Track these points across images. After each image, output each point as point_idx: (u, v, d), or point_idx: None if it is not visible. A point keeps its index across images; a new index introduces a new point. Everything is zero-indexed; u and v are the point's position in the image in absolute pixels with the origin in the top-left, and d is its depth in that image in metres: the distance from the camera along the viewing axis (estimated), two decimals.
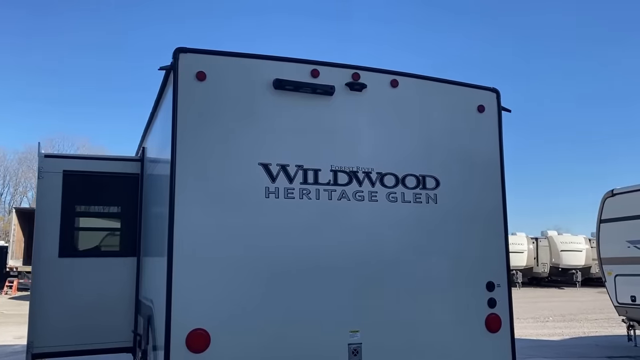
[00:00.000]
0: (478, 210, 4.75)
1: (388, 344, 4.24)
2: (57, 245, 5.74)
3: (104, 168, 6.03)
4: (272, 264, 4.03)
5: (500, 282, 4.71)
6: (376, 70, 4.56)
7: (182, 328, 3.72)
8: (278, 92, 4.22)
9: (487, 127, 4.91)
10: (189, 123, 3.93)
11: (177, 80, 3.95)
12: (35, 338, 5.39)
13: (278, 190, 4.12)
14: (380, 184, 4.43)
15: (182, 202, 3.82)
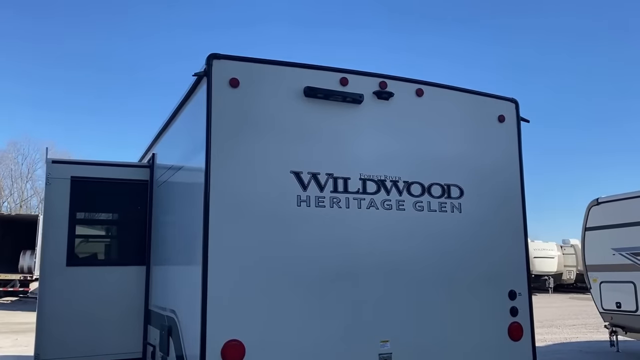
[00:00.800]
0: (499, 220, 4.80)
1: (416, 353, 4.24)
2: (65, 254, 5.57)
3: (112, 174, 5.88)
4: (304, 273, 3.99)
5: (521, 291, 4.76)
6: (402, 79, 4.57)
7: (218, 339, 3.64)
8: (308, 100, 4.20)
9: (507, 136, 4.97)
10: (223, 130, 3.86)
11: (210, 87, 3.88)
12: (42, 349, 5.20)
13: (309, 199, 4.08)
14: (407, 193, 4.43)
15: (216, 211, 3.74)
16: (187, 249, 4.13)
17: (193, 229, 3.97)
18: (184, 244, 4.26)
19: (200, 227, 3.75)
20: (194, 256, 3.85)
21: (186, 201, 4.30)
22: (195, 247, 3.85)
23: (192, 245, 3.97)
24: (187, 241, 4.15)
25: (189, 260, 4.03)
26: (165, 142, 5.46)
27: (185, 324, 4.08)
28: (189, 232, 4.12)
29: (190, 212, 4.12)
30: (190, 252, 4.02)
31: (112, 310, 5.65)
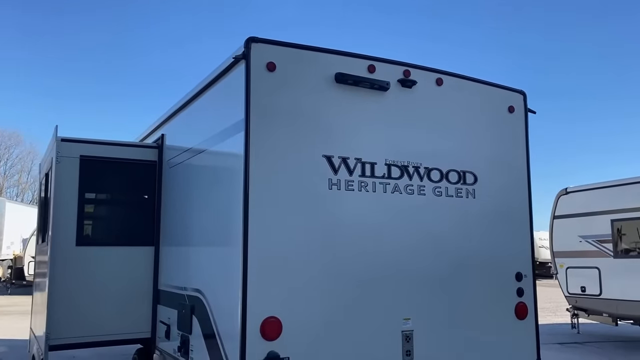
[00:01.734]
0: (508, 205, 5.05)
1: (435, 330, 4.45)
2: (75, 234, 5.52)
3: (120, 154, 5.83)
4: (335, 253, 4.13)
5: (527, 273, 5.04)
6: (424, 68, 4.74)
7: (257, 316, 3.75)
8: (339, 86, 4.31)
9: (516, 127, 5.22)
10: (260, 114, 3.94)
11: (249, 70, 3.94)
12: (52, 329, 5.16)
13: (340, 182, 4.22)
14: (427, 179, 4.62)
15: (255, 193, 3.83)
16: (221, 230, 4.19)
17: (229, 212, 4.04)
18: (216, 226, 4.31)
19: (239, 209, 3.83)
20: (232, 238, 3.92)
21: (218, 184, 4.35)
22: (233, 229, 3.92)
23: (228, 227, 4.04)
24: (220, 223, 4.21)
25: (225, 242, 4.10)
26: (180, 124, 5.46)
27: (218, 303, 4.16)
28: (222, 215, 4.18)
29: (224, 194, 4.18)
30: (226, 234, 4.08)
31: (121, 290, 5.65)
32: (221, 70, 4.38)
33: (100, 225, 5.75)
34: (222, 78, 4.41)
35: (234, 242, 3.88)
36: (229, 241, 3.99)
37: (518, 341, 4.94)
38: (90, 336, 5.51)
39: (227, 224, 4.08)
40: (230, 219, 4.00)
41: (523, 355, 4.94)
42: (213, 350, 4.15)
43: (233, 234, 3.91)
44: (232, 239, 3.92)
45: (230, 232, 3.97)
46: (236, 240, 3.85)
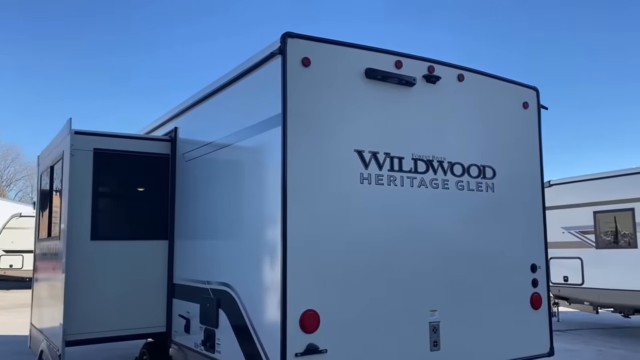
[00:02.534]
0: (523, 199, 5.20)
1: (458, 321, 4.56)
2: (89, 228, 5.44)
3: (134, 147, 5.75)
4: (368, 247, 4.20)
5: (540, 264, 5.20)
6: (446, 64, 4.81)
7: (297, 309, 3.79)
8: (368, 81, 4.35)
9: (530, 122, 5.35)
10: (296, 108, 3.95)
11: (285, 65, 3.95)
12: (69, 325, 5.08)
13: (370, 177, 4.27)
14: (450, 173, 4.71)
15: (293, 188, 3.86)
16: (257, 225, 4.19)
17: (265, 206, 4.05)
18: (249, 220, 4.30)
19: (277, 204, 3.84)
20: (270, 232, 3.94)
21: (250, 178, 4.34)
22: (270, 223, 3.94)
23: (265, 222, 4.05)
24: (255, 218, 4.21)
25: (262, 236, 4.10)
26: (198, 117, 5.42)
27: (253, 296, 4.17)
28: (257, 209, 4.18)
29: (259, 189, 4.19)
30: (262, 229, 4.09)
31: (136, 284, 5.59)
32: (251, 65, 4.37)
33: (114, 219, 5.66)
34: (251, 72, 4.40)
35: (273, 237, 3.90)
36: (267, 236, 4.00)
37: (533, 330, 5.09)
38: (106, 331, 5.45)
39: (263, 219, 4.09)
40: (267, 214, 4.01)
41: (538, 344, 5.11)
42: (246, 343, 4.16)
43: (271, 228, 3.93)
44: (270, 233, 3.94)
45: (268, 227, 3.99)
46: (275, 234, 3.87)
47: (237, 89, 4.64)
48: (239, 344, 4.29)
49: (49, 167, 6.39)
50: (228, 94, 4.79)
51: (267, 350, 3.90)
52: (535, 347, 5.10)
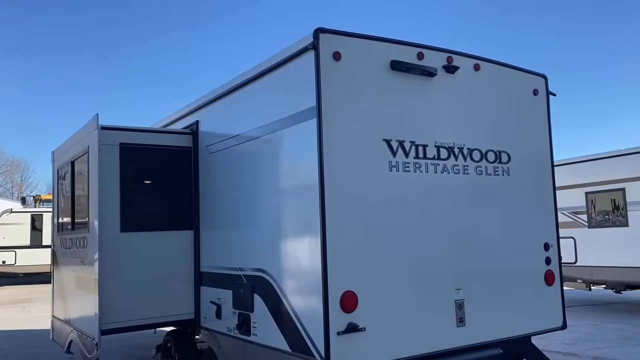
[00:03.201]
0: (536, 182, 5.47)
1: (480, 298, 4.83)
2: (119, 220, 5.59)
3: (157, 141, 5.90)
4: (398, 230, 4.43)
5: (552, 243, 5.49)
6: (463, 54, 5.03)
7: (337, 291, 4.02)
8: (393, 73, 4.56)
9: (540, 109, 5.61)
10: (330, 101, 4.15)
11: (319, 60, 4.14)
12: (104, 314, 5.26)
13: (398, 164, 4.49)
14: (470, 159, 4.95)
15: (329, 178, 4.06)
16: (295, 214, 4.39)
17: (302, 195, 4.25)
18: (287, 209, 4.50)
19: (315, 193, 4.05)
20: (309, 221, 4.14)
21: (286, 168, 4.53)
22: (308, 211, 4.14)
23: (302, 210, 4.25)
24: (293, 206, 4.41)
25: (300, 224, 4.31)
26: (223, 111, 5.57)
27: (292, 281, 4.38)
28: (294, 198, 4.39)
29: (296, 179, 4.39)
30: (301, 217, 4.29)
31: (164, 274, 5.77)
32: (282, 59, 4.54)
33: (141, 211, 5.81)
34: (282, 67, 4.58)
35: (312, 224, 4.10)
36: (306, 223, 4.20)
37: (547, 306, 5.39)
38: (138, 319, 5.63)
39: (301, 207, 4.29)
40: (305, 202, 4.21)
41: (552, 319, 5.41)
42: (286, 325, 4.38)
43: (310, 216, 4.13)
44: (310, 221, 4.14)
45: (307, 215, 4.18)
46: (314, 222, 4.07)
47: (268, 83, 4.80)
48: (277, 326, 4.51)
49: (69, 161, 6.51)
50: (257, 87, 4.96)
51: (309, 330, 4.13)
52: (550, 321, 5.40)
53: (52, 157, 7.54)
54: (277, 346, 4.50)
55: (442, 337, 4.57)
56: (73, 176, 6.40)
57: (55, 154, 7.45)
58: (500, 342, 4.94)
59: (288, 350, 4.36)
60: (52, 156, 7.52)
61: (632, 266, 11.45)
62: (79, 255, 5.98)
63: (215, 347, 5.42)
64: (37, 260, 23.97)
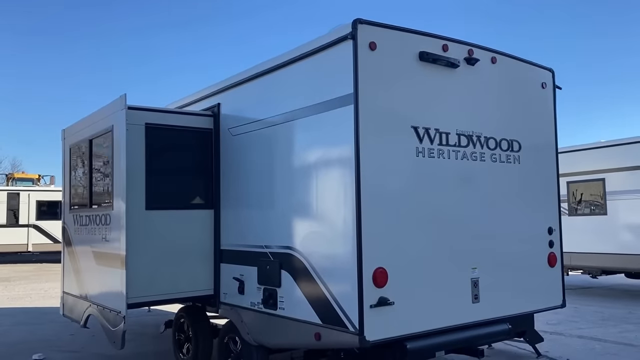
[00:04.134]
0: (542, 169, 5.83)
1: (493, 277, 5.18)
2: (144, 199, 5.74)
3: (181, 122, 6.04)
4: (423, 213, 4.73)
5: (555, 227, 5.87)
6: (482, 48, 5.32)
7: (370, 267, 4.30)
8: (421, 63, 4.82)
9: (547, 101, 5.96)
10: (366, 88, 4.39)
11: (357, 49, 4.37)
12: (130, 289, 5.42)
13: (424, 150, 4.78)
14: (486, 147, 5.27)
15: (364, 160, 4.32)
16: (331, 195, 4.61)
17: (338, 178, 4.49)
18: (322, 191, 4.71)
19: (352, 175, 4.31)
20: (345, 203, 4.39)
21: (320, 151, 4.75)
22: (344, 194, 4.40)
23: (338, 192, 4.49)
24: (328, 189, 4.63)
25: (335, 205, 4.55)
26: (248, 94, 5.74)
27: (325, 259, 4.62)
28: (329, 181, 4.62)
29: (331, 162, 4.62)
30: (337, 199, 4.52)
31: (186, 251, 5.95)
32: (317, 47, 4.75)
33: (165, 190, 5.94)
34: (317, 54, 4.78)
35: (348, 205, 4.35)
36: (342, 204, 4.44)
37: (549, 286, 5.79)
38: (161, 295, 5.81)
39: (337, 189, 4.52)
40: (341, 185, 4.45)
41: (553, 297, 5.82)
42: (317, 299, 4.64)
43: (346, 198, 4.38)
44: (346, 202, 4.38)
45: (343, 197, 4.43)
46: (350, 203, 4.33)
47: (302, 69, 4.99)
48: (307, 300, 4.77)
49: (86, 140, 6.60)
50: (290, 72, 5.13)
51: (343, 304, 4.40)
52: (551, 300, 5.81)
53: (62, 136, 7.58)
54: (306, 319, 4.76)
55: (460, 312, 4.91)
56: (91, 154, 6.50)
57: (66, 132, 7.50)
58: (509, 318, 5.31)
59: (318, 322, 4.63)
60: (63, 134, 7.57)
61: (608, 253, 12.06)
62: (100, 232, 6.10)
63: (238, 321, 5.65)
64: (14, 239, 23.74)
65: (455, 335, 4.84)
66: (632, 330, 8.95)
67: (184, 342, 6.78)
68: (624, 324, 9.45)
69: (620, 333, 8.71)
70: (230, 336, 5.91)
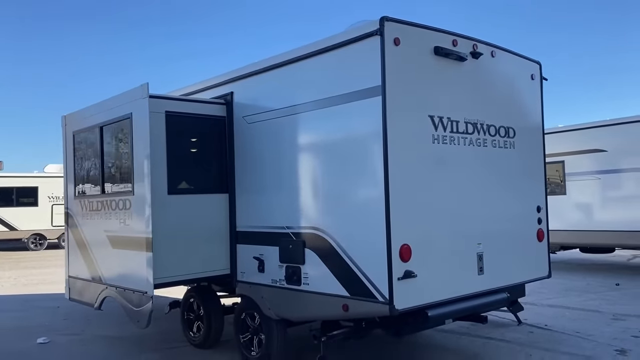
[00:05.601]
0: (531, 153, 6.42)
1: (494, 251, 5.74)
2: (166, 184, 5.97)
3: (197, 110, 6.27)
4: (439, 194, 5.22)
5: (542, 206, 6.50)
6: (483, 42, 5.81)
7: (396, 244, 4.76)
8: (435, 57, 5.27)
9: (535, 91, 6.55)
10: (391, 81, 4.81)
11: (384, 44, 4.77)
12: (155, 270, 5.68)
13: (439, 137, 5.25)
14: (488, 134, 5.79)
15: (391, 146, 4.75)
16: (360, 180, 5.00)
17: (367, 164, 4.89)
18: (352, 176, 5.07)
19: (380, 160, 4.74)
20: (374, 185, 4.80)
21: (348, 137, 5.12)
22: (373, 178, 4.81)
23: (367, 177, 4.89)
24: (357, 174, 5.01)
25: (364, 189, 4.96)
26: (266, 83, 6.03)
27: (354, 237, 5.03)
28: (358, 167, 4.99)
29: (359, 149, 5.00)
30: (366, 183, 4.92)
31: (203, 233, 6.23)
32: (341, 41, 5.12)
33: (184, 175, 6.17)
34: (341, 48, 5.14)
35: (378, 189, 4.76)
36: (372, 187, 4.83)
37: (537, 258, 6.43)
38: (182, 275, 6.09)
39: (366, 174, 4.90)
40: (370, 170, 4.85)
41: (541, 269, 6.47)
42: (344, 274, 5.06)
43: (375, 181, 4.80)
44: (377, 186, 4.77)
45: (372, 180, 4.82)
46: (379, 187, 4.75)
47: (326, 61, 5.32)
48: (333, 275, 5.19)
49: (96, 127, 6.74)
50: (313, 64, 5.46)
51: (372, 277, 4.84)
52: (540, 271, 6.46)
53: (62, 122, 7.64)
54: (333, 292, 5.18)
55: (468, 283, 5.45)
56: (102, 141, 6.65)
57: (67, 119, 7.56)
58: (507, 287, 5.90)
59: (346, 295, 5.07)
60: (63, 121, 7.63)
61: (567, 229, 13.03)
62: (117, 216, 6.30)
63: (258, 297, 6.01)
64: None
65: (465, 304, 5.38)
66: (595, 298, 9.86)
67: (194, 321, 7.08)
68: (585, 294, 10.37)
69: (584, 302, 9.60)
70: (248, 312, 6.27)
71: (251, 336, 6.24)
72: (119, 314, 8.92)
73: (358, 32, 4.99)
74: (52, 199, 24.33)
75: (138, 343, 7.43)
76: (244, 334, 6.34)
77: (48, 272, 16.15)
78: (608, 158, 12.55)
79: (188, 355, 6.78)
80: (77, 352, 7.21)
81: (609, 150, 12.56)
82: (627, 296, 10.11)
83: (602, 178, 12.66)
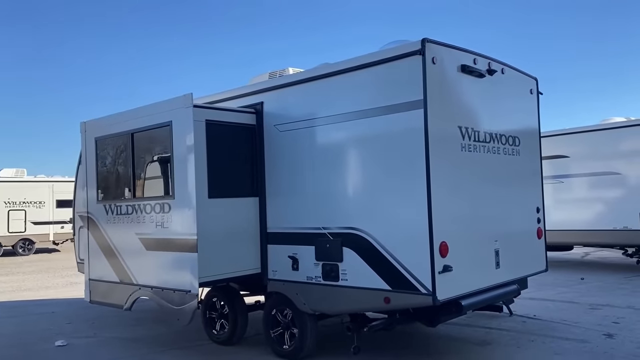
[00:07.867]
0: (531, 159, 7.18)
1: (506, 247, 6.43)
2: (207, 188, 6.31)
3: (233, 119, 6.63)
4: (468, 195, 5.85)
5: (540, 207, 7.27)
6: (495, 60, 6.51)
7: (437, 241, 5.34)
8: (462, 74, 5.91)
9: (533, 105, 7.32)
10: (431, 95, 5.39)
11: (425, 62, 5.36)
12: (200, 269, 6.02)
13: (466, 146, 5.89)
14: (500, 142, 6.48)
15: (432, 156, 5.34)
16: (403, 185, 5.52)
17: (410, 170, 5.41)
18: (395, 181, 5.58)
19: (422, 167, 5.31)
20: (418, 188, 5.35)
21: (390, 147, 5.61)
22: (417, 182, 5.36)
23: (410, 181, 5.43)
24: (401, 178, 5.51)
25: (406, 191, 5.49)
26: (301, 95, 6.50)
27: (395, 236, 5.56)
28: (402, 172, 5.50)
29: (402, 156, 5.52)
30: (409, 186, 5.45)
31: (237, 234, 6.60)
32: (382, 58, 5.67)
33: (222, 180, 6.49)
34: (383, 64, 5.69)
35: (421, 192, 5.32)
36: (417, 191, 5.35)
37: (537, 254, 7.18)
38: (220, 274, 6.44)
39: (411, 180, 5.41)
40: (413, 175, 5.39)
41: (540, 264, 7.22)
42: (385, 269, 5.59)
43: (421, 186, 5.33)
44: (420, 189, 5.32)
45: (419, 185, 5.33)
46: (423, 190, 5.32)
47: (367, 76, 5.83)
48: (374, 271, 5.71)
49: (126, 133, 6.99)
50: (352, 78, 5.96)
51: (414, 272, 5.40)
52: (539, 266, 7.21)
53: (82, 128, 7.80)
54: (373, 286, 5.71)
55: (489, 276, 6.11)
56: (133, 147, 6.90)
57: (87, 125, 7.73)
58: (516, 280, 6.60)
59: (387, 289, 5.60)
60: (83, 127, 7.78)
61: None
62: (154, 219, 6.58)
63: (292, 294, 6.44)
64: None
65: (489, 294, 6.04)
66: (567, 292, 10.82)
67: (216, 320, 7.41)
68: (557, 287, 11.33)
69: (559, 294, 10.52)
70: (279, 308, 6.69)
71: (282, 331, 6.66)
72: (123, 316, 9.13)
73: (399, 51, 5.55)
74: (8, 204, 23.63)
75: (155, 343, 7.68)
76: (274, 329, 6.75)
77: (16, 279, 15.84)
78: (570, 163, 13.67)
79: (216, 352, 7.11)
80: (100, 353, 7.38)
81: (571, 157, 13.68)
82: (594, 289, 11.13)
83: (565, 182, 13.75)
